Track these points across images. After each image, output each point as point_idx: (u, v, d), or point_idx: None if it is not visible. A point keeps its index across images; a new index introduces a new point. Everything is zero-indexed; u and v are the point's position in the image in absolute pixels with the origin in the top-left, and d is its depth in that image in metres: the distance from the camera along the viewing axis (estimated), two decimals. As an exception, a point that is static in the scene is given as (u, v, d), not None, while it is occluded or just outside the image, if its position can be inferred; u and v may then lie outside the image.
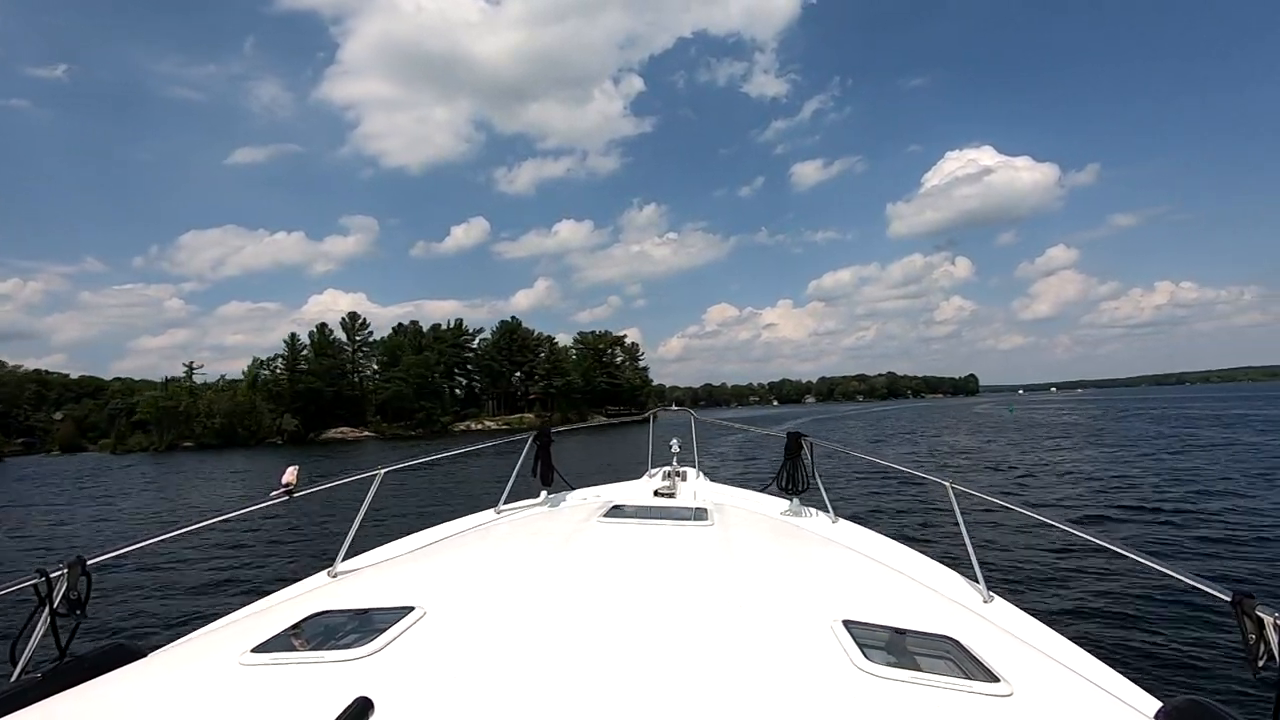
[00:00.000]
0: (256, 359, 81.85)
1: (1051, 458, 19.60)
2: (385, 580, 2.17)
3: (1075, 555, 7.81)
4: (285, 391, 76.77)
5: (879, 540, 3.19)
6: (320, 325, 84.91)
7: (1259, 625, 1.49)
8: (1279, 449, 18.79)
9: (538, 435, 3.97)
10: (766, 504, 3.87)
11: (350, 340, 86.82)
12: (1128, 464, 16.73)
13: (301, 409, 76.10)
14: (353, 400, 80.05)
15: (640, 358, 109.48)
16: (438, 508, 13.05)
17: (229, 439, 69.54)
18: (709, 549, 2.32)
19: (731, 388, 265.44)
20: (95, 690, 1.35)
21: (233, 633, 1.66)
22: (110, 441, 71.48)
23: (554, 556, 2.24)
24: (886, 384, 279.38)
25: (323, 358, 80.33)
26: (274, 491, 2.39)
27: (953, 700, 1.25)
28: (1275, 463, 15.59)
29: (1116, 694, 1.52)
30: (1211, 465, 15.89)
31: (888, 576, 2.31)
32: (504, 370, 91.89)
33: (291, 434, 73.68)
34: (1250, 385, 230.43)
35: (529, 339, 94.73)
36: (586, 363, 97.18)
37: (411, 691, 1.23)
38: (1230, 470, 14.76)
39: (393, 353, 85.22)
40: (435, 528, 3.22)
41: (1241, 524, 9.39)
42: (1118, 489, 13.01)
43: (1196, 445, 21.04)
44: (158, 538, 2.15)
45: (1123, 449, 20.96)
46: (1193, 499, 11.45)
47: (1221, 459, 17.01)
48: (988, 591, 2.37)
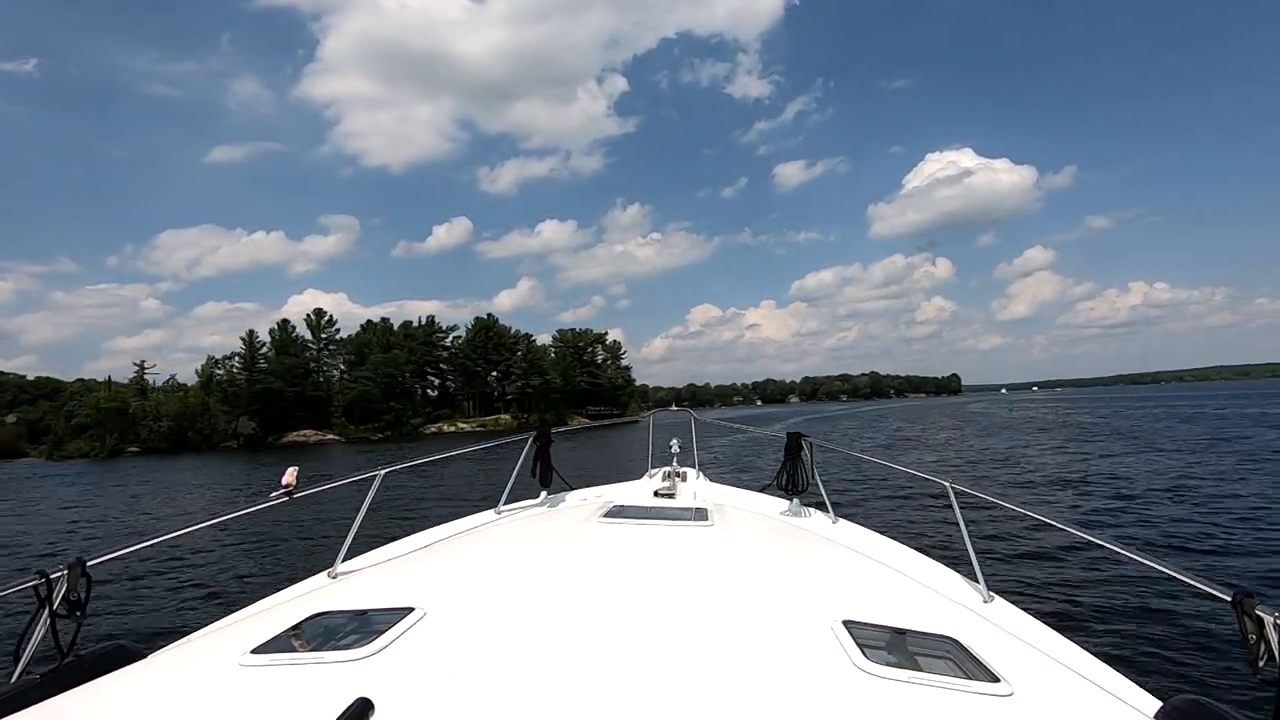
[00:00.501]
0: (211, 357, 77.68)
1: (1106, 465, 17.54)
2: (385, 581, 2.20)
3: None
4: (242, 392, 73.40)
5: (879, 540, 3.23)
6: (282, 322, 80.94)
7: (1259, 625, 1.50)
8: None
9: (537, 436, 4.03)
10: (766, 504, 3.92)
11: (316, 338, 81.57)
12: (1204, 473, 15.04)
13: (260, 411, 73.00)
14: (316, 401, 76.75)
15: (622, 356, 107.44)
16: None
17: (179, 443, 66.33)
18: (709, 549, 2.36)
19: (715, 388, 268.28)
20: (95, 691, 1.37)
21: (233, 634, 1.69)
22: (46, 448, 66.58)
23: (554, 557, 2.28)
24: (870, 384, 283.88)
25: (284, 356, 76.13)
26: (274, 492, 2.42)
27: (953, 700, 1.28)
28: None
29: (1116, 694, 1.55)
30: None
31: (888, 576, 2.36)
32: (479, 370, 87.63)
33: (248, 437, 70.56)
34: (1224, 384, 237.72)
35: (506, 337, 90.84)
36: (566, 361, 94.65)
37: (411, 692, 1.25)
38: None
39: (360, 351, 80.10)
40: (435, 528, 3.24)
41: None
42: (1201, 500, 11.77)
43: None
44: (158, 539, 2.15)
45: (1180, 453, 19.33)
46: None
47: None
48: (988, 591, 2.41)
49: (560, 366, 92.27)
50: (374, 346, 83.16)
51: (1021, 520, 8.46)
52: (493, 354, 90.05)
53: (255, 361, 76.76)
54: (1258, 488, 12.36)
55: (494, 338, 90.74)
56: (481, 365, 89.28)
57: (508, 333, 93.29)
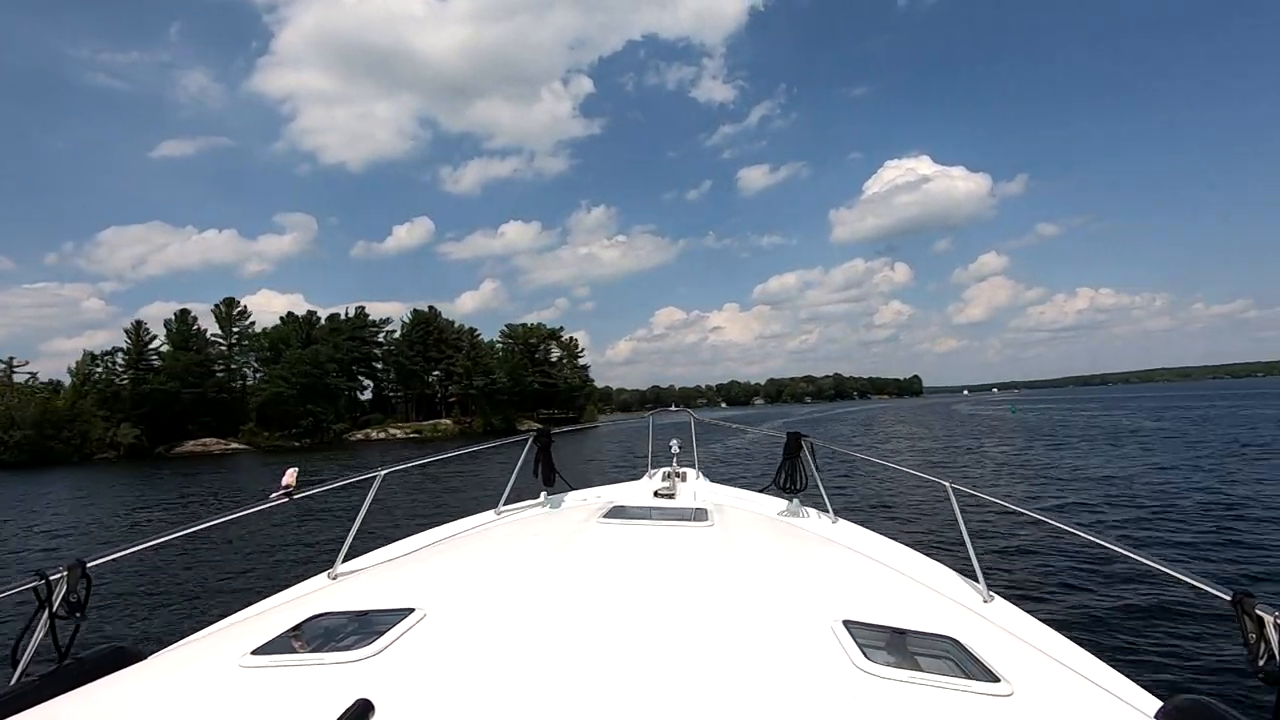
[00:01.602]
0: (88, 353, 65.95)
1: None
2: (385, 582, 2.25)
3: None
4: (125, 394, 62.60)
5: (879, 540, 3.32)
6: (180, 312, 71.37)
7: (1259, 624, 1.54)
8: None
9: (538, 436, 4.07)
10: (766, 504, 3.99)
11: (226, 332, 70.05)
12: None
13: (148, 416, 65.02)
14: (221, 405, 65.68)
15: (580, 355, 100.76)
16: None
17: (40, 455, 57.49)
18: (709, 549, 2.43)
19: (679, 390, 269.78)
20: (95, 693, 1.41)
21: (232, 635, 1.72)
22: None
23: (554, 557, 2.35)
24: (834, 385, 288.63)
25: (181, 353, 64.55)
26: (274, 494, 2.47)
27: (953, 700, 1.31)
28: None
29: (1116, 693, 1.60)
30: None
31: (888, 576, 2.44)
32: (418, 369, 77.88)
33: (130, 447, 62.76)
34: (1167, 385, 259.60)
35: (448, 332, 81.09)
36: (515, 359, 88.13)
37: (412, 693, 1.29)
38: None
39: (275, 346, 68.80)
40: (435, 529, 3.30)
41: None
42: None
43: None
44: (158, 540, 2.20)
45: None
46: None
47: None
48: (988, 591, 2.50)
49: (508, 365, 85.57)
50: (292, 341, 72.53)
51: (1021, 520, 8.75)
52: (434, 351, 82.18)
53: (142, 358, 66.22)
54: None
55: (435, 333, 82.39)
56: (420, 364, 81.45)
57: (450, 327, 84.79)
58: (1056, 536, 8.37)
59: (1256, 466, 15.78)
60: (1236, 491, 12.37)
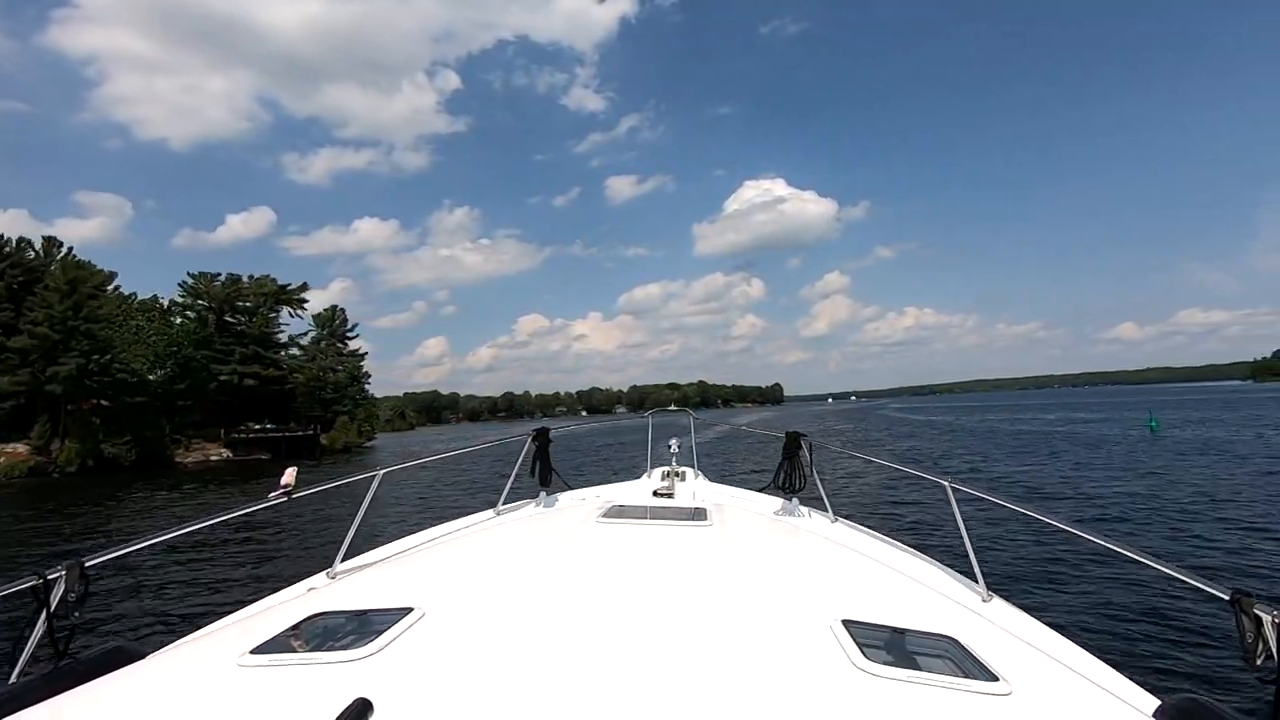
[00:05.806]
0: None
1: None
2: (384, 581, 2.26)
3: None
4: None
5: (878, 540, 3.33)
6: None
7: (1257, 623, 1.57)
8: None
9: (536, 435, 4.08)
10: (765, 504, 3.99)
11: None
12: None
13: None
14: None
15: (351, 336, 64.85)
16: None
17: None
18: (708, 549, 2.45)
19: (536, 396, 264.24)
20: (94, 692, 1.42)
21: (231, 634, 1.74)
22: None
23: (553, 557, 2.37)
24: (699, 393, 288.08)
25: None
26: (273, 493, 2.47)
27: (952, 700, 1.33)
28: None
29: (1116, 692, 1.61)
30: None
31: (887, 576, 2.46)
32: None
33: None
34: (986, 394, 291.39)
35: (43, 273, 43.35)
36: (189, 334, 50.43)
37: (410, 692, 1.30)
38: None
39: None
40: (434, 528, 3.32)
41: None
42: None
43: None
44: (157, 539, 2.19)
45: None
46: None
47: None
48: (987, 591, 2.50)
49: (181, 339, 48.76)
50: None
51: (1021, 520, 8.66)
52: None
53: None
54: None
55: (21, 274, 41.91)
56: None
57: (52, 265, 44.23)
58: (1055, 536, 8.37)
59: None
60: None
